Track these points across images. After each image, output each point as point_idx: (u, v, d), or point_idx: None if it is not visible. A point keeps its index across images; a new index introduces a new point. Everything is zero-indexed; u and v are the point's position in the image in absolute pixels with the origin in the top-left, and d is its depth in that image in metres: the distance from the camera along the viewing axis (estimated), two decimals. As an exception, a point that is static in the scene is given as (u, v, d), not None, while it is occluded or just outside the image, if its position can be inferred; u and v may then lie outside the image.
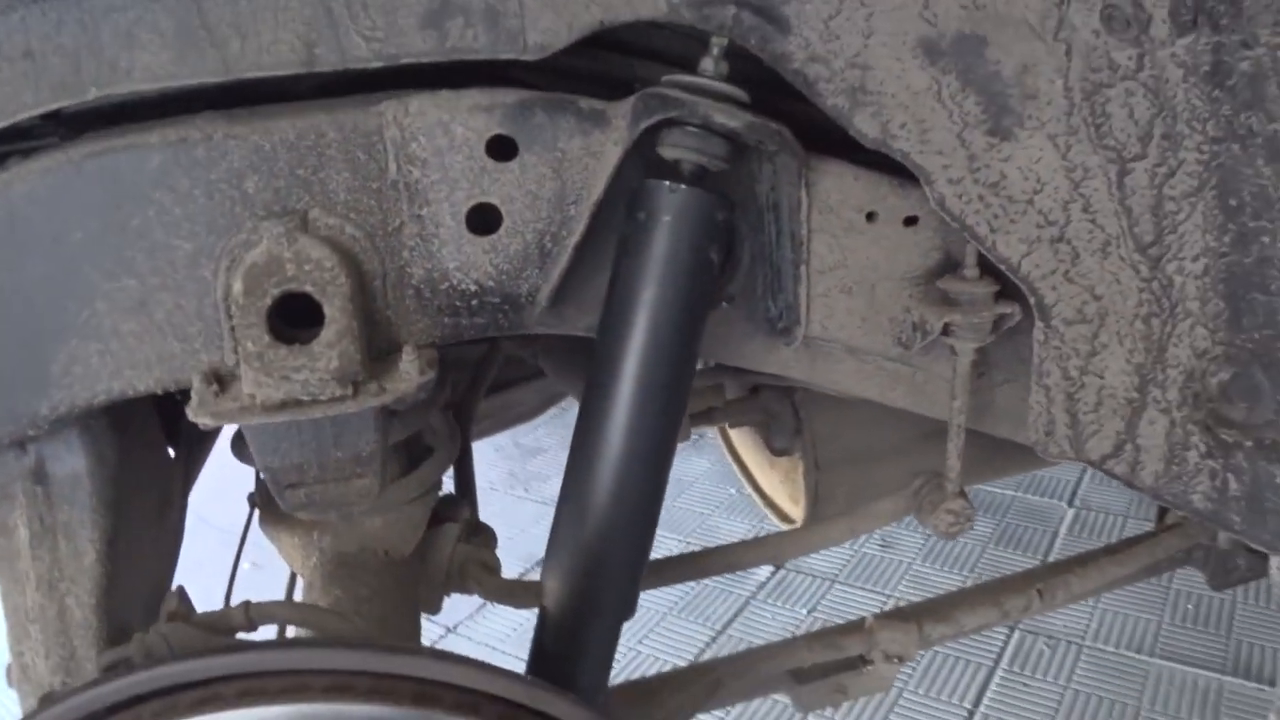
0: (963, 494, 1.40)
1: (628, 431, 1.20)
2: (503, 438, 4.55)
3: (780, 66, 1.11)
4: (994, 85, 1.11)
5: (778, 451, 1.99)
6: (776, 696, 1.68)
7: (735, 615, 3.18)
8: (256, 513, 1.55)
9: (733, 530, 3.67)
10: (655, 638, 3.12)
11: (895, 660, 1.45)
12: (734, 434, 2.31)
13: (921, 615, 1.50)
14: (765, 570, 3.38)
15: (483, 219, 1.17)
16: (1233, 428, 1.14)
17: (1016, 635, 3.00)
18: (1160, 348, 1.18)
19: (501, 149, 1.15)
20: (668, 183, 1.14)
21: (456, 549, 1.51)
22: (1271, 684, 2.73)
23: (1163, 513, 1.83)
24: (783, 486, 2.10)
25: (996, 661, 2.90)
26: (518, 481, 4.25)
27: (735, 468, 2.37)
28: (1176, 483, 1.21)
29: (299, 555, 1.47)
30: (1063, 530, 3.54)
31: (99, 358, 1.16)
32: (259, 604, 1.26)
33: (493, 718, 0.98)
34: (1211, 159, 1.06)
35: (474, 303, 1.21)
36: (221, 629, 1.23)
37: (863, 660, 1.49)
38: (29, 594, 1.31)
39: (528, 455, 4.47)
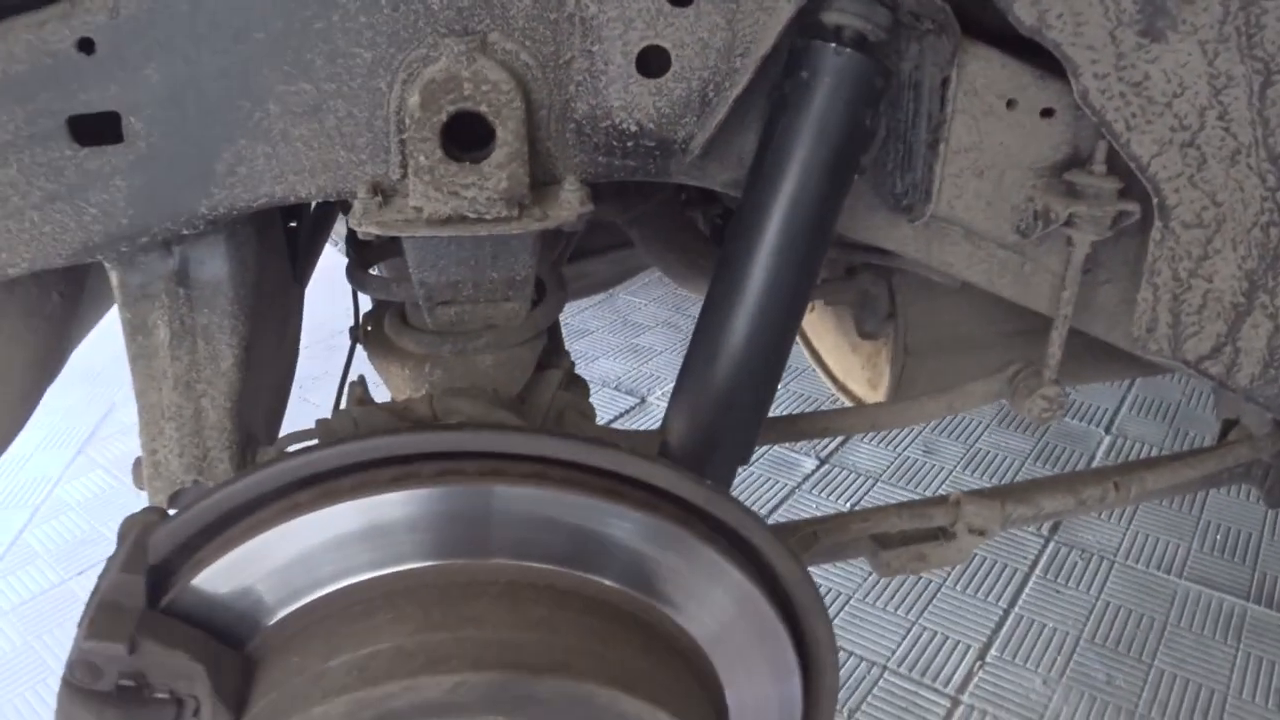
0: (1057, 383, 1.47)
1: (766, 282, 1.25)
2: (551, 315, 4.63)
3: None
4: None
5: (866, 335, 2.05)
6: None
7: (781, 504, 3.28)
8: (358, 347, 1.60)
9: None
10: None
11: (978, 533, 1.52)
12: (808, 319, 2.36)
13: (1005, 495, 1.58)
14: (811, 463, 3.48)
15: (652, 61, 1.20)
16: (1338, 334, 1.21)
17: (1051, 546, 3.10)
18: (1275, 256, 1.24)
19: None
20: (833, 45, 1.17)
21: (557, 395, 1.58)
22: (1292, 614, 2.84)
23: (1225, 430, 1.90)
24: (862, 372, 2.16)
25: (1032, 568, 3.01)
26: (563, 361, 4.34)
27: (805, 352, 2.43)
28: (1272, 385, 1.29)
29: (409, 387, 1.51)
30: (1099, 455, 3.62)
31: (265, 160, 1.18)
32: (443, 396, 1.33)
33: (668, 514, 1.08)
34: None
35: (630, 144, 1.24)
36: (408, 416, 1.30)
37: (943, 532, 1.57)
38: (165, 393, 1.35)
39: (575, 336, 4.54)
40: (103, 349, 1.48)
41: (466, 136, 1.15)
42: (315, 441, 1.20)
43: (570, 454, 1.08)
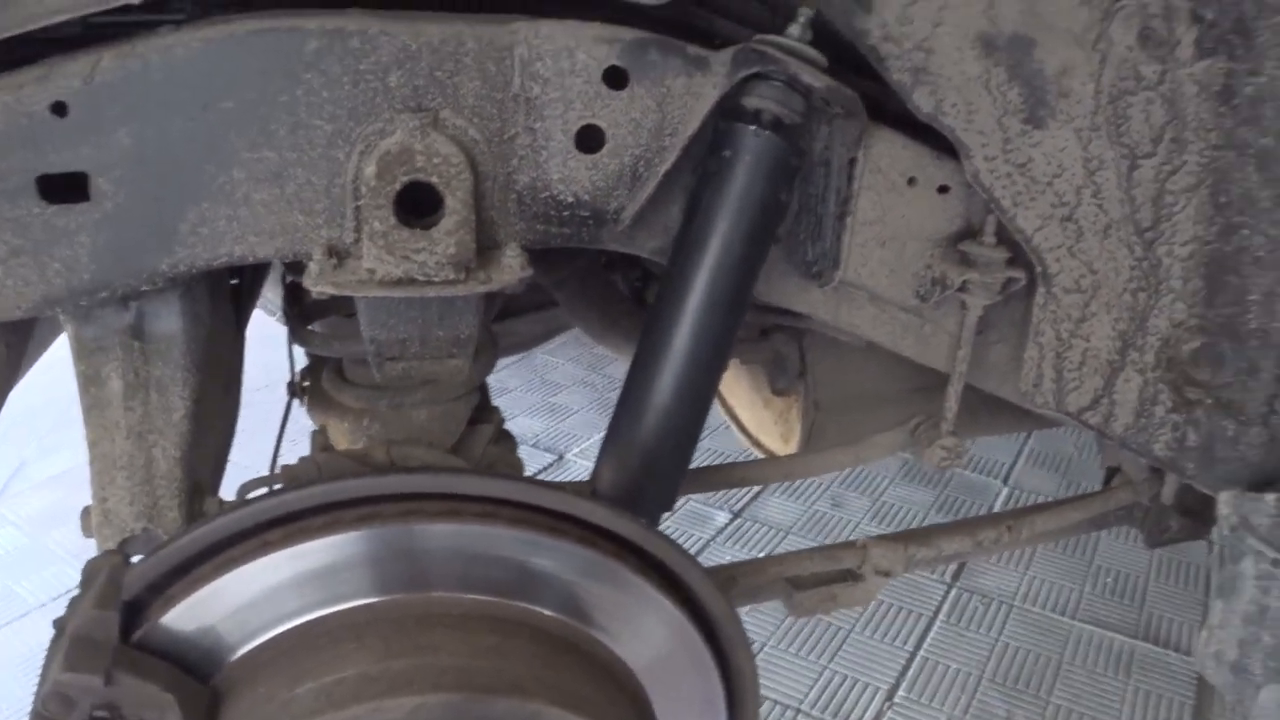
0: (955, 434, 1.59)
1: (690, 341, 1.34)
2: (464, 376, 4.68)
3: (857, 40, 1.28)
4: (1036, 81, 1.29)
5: (778, 392, 2.17)
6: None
7: (696, 556, 3.34)
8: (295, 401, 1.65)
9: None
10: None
11: (883, 575, 1.64)
12: (724, 376, 2.47)
13: (908, 539, 1.70)
14: (724, 517, 3.59)
15: (589, 138, 1.28)
16: (1197, 387, 1.35)
17: (954, 591, 3.25)
18: (1143, 317, 1.39)
19: (615, 78, 1.26)
20: (753, 127, 1.28)
21: (488, 449, 1.65)
22: (1177, 650, 3.01)
23: (1108, 477, 2.05)
24: (774, 426, 2.27)
25: (936, 613, 3.14)
26: (481, 420, 4.38)
27: (720, 407, 2.54)
28: (1143, 433, 1.42)
29: (347, 440, 1.56)
30: (997, 505, 3.79)
31: (227, 222, 1.23)
32: (400, 445, 1.40)
33: (606, 550, 1.17)
34: (1210, 162, 1.26)
35: (567, 213, 1.33)
36: (367, 462, 1.37)
37: (852, 574, 1.68)
38: (118, 443, 1.37)
39: (493, 394, 4.56)
40: (13, 404, 1.51)
41: (417, 204, 1.22)
42: (279, 486, 1.26)
43: (519, 495, 1.17)
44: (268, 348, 2.42)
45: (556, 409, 4.46)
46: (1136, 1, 1.23)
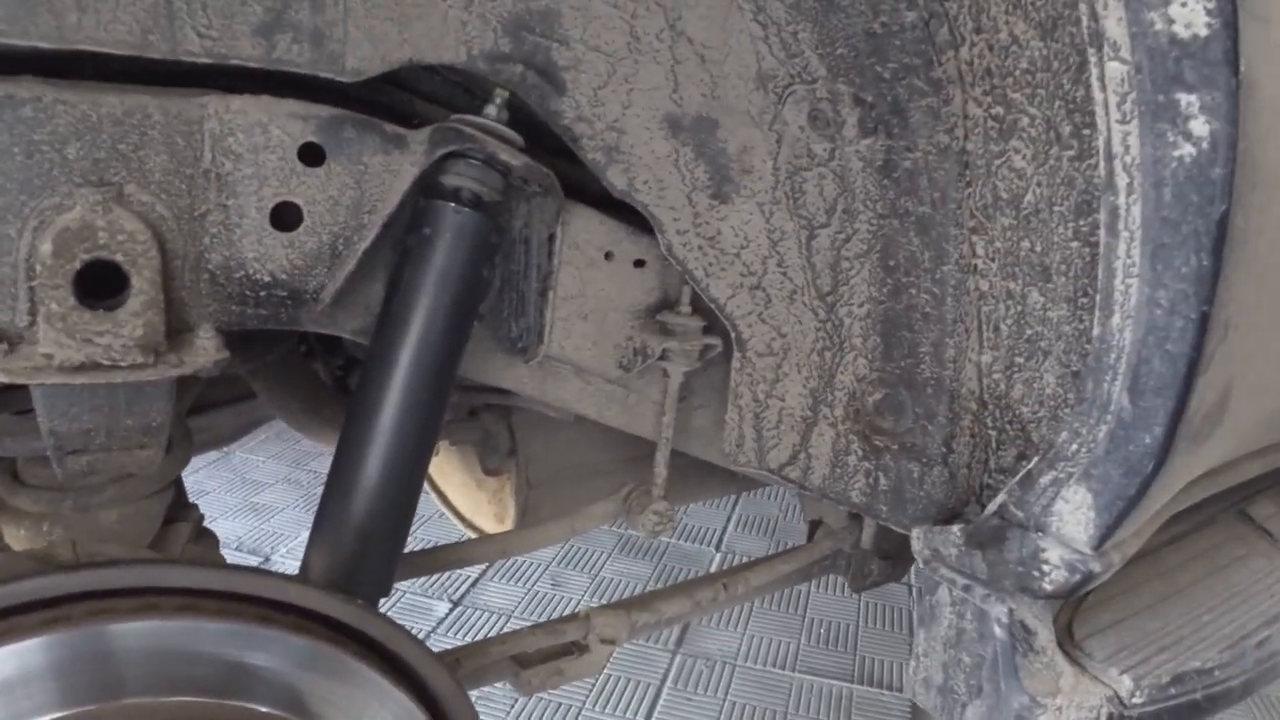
0: (665, 499, 1.64)
1: (396, 422, 1.33)
2: (160, 480, 4.42)
3: (552, 121, 1.32)
4: (720, 159, 1.38)
5: (489, 471, 2.16)
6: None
7: (417, 645, 3.28)
8: None
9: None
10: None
11: (609, 643, 1.65)
12: (433, 461, 2.45)
13: (630, 605, 1.72)
14: (444, 606, 3.52)
15: (285, 216, 1.25)
16: (883, 435, 1.45)
17: (679, 658, 3.31)
18: (830, 375, 1.48)
19: (311, 155, 1.24)
20: (453, 205, 1.30)
21: (187, 548, 1.56)
22: (889, 688, 3.19)
23: (812, 530, 2.17)
24: (488, 506, 2.26)
25: (663, 681, 3.18)
26: (181, 523, 4.13)
27: (433, 494, 2.51)
28: (839, 482, 1.51)
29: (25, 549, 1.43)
30: (711, 570, 3.90)
31: None
32: (85, 541, 1.27)
33: (321, 636, 1.12)
34: (878, 230, 1.37)
35: (263, 294, 1.28)
36: (50, 561, 1.25)
37: (578, 646, 1.68)
38: None
39: (190, 497, 4.33)
40: None
41: (100, 284, 1.15)
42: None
43: (224, 584, 1.10)
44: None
45: (260, 509, 4.26)
46: (805, 86, 1.33)
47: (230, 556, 3.83)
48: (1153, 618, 1.65)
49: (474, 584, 3.67)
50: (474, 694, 1.48)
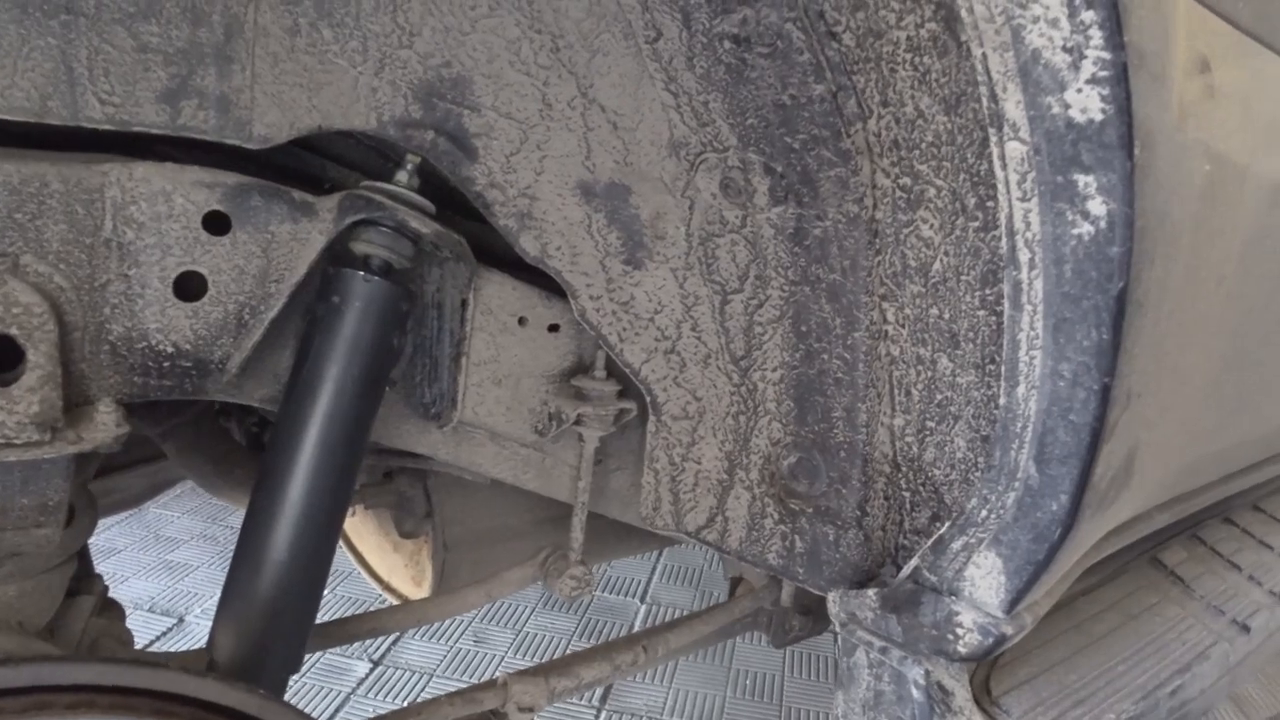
0: (583, 562, 1.63)
1: (305, 492, 1.30)
2: (70, 538, 4.28)
3: (464, 187, 1.32)
4: (633, 225, 1.38)
5: (405, 534, 2.13)
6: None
7: (336, 711, 3.20)
8: None
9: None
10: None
11: (527, 711, 1.62)
12: (349, 523, 2.41)
13: (548, 671, 1.69)
14: (364, 667, 3.45)
15: (189, 285, 1.23)
16: (798, 498, 1.45)
17: (604, 715, 3.27)
18: (745, 438, 1.48)
19: (216, 224, 1.22)
20: (362, 273, 1.28)
21: (90, 623, 1.51)
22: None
23: (733, 587, 2.16)
24: (405, 570, 2.23)
25: (589, 741, 3.16)
26: (90, 583, 3.99)
27: (350, 556, 2.46)
28: (756, 545, 1.51)
29: None
30: (637, 623, 3.88)
31: None
32: None
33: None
34: (790, 296, 1.37)
35: (166, 365, 1.25)
36: None
37: (496, 714, 1.65)
38: None
39: (100, 556, 4.21)
40: None
41: None
42: None
43: (118, 679, 1.07)
44: None
45: (174, 567, 4.15)
46: (716, 155, 1.34)
47: (142, 619, 3.74)
48: (1068, 670, 1.67)
49: (395, 643, 3.60)
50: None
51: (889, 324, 1.31)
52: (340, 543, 2.43)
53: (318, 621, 1.60)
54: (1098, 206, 0.95)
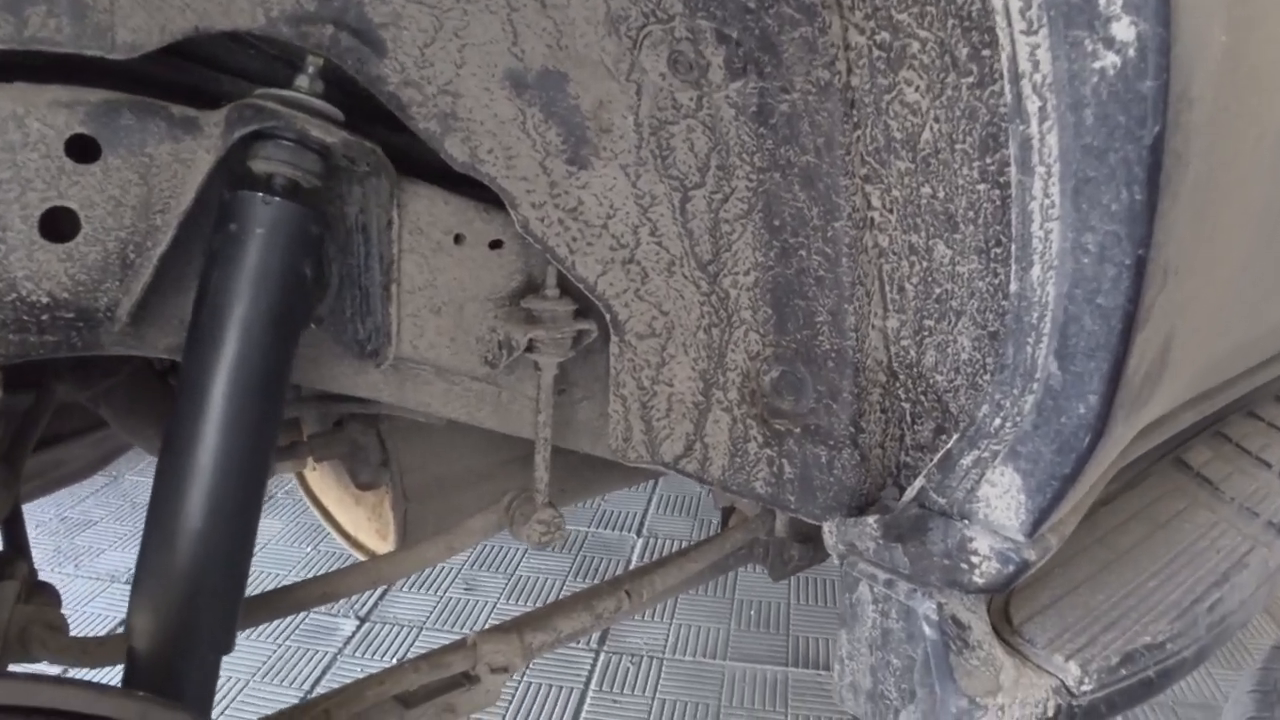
0: (552, 505, 1.46)
1: (220, 449, 1.13)
2: (46, 512, 4.15)
3: (375, 89, 1.14)
4: (574, 119, 1.19)
5: (363, 486, 1.97)
6: None
7: (323, 674, 3.08)
8: None
9: (313, 587, 3.55)
10: (240, 707, 2.96)
11: (501, 671, 1.47)
12: (312, 477, 2.25)
13: (521, 626, 1.54)
14: (350, 625, 3.31)
15: (58, 224, 1.08)
16: (783, 417, 1.28)
17: (603, 657, 3.14)
18: (720, 354, 1.31)
19: (83, 150, 1.07)
20: (261, 194, 1.11)
21: (16, 610, 1.37)
22: (826, 669, 3.05)
23: (725, 518, 2.01)
24: (369, 523, 2.07)
25: (587, 684, 3.01)
26: (66, 558, 3.86)
27: (316, 512, 2.31)
28: (740, 473, 1.35)
29: None
30: (634, 558, 3.75)
31: None
32: None
33: None
34: (758, 186, 1.19)
35: (45, 318, 1.10)
36: None
37: (468, 677, 1.50)
38: None
39: (76, 529, 4.08)
40: None
41: None
42: None
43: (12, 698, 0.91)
44: None
45: (154, 535, 4.00)
46: (661, 26, 1.15)
47: (119, 592, 3.60)
48: (1095, 590, 1.52)
49: (381, 597, 3.46)
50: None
51: (874, 210, 1.13)
52: (307, 499, 2.29)
53: (259, 591, 1.45)
54: (1124, 29, 0.76)
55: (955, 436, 1.08)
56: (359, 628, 3.29)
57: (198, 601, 1.16)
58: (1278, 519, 1.78)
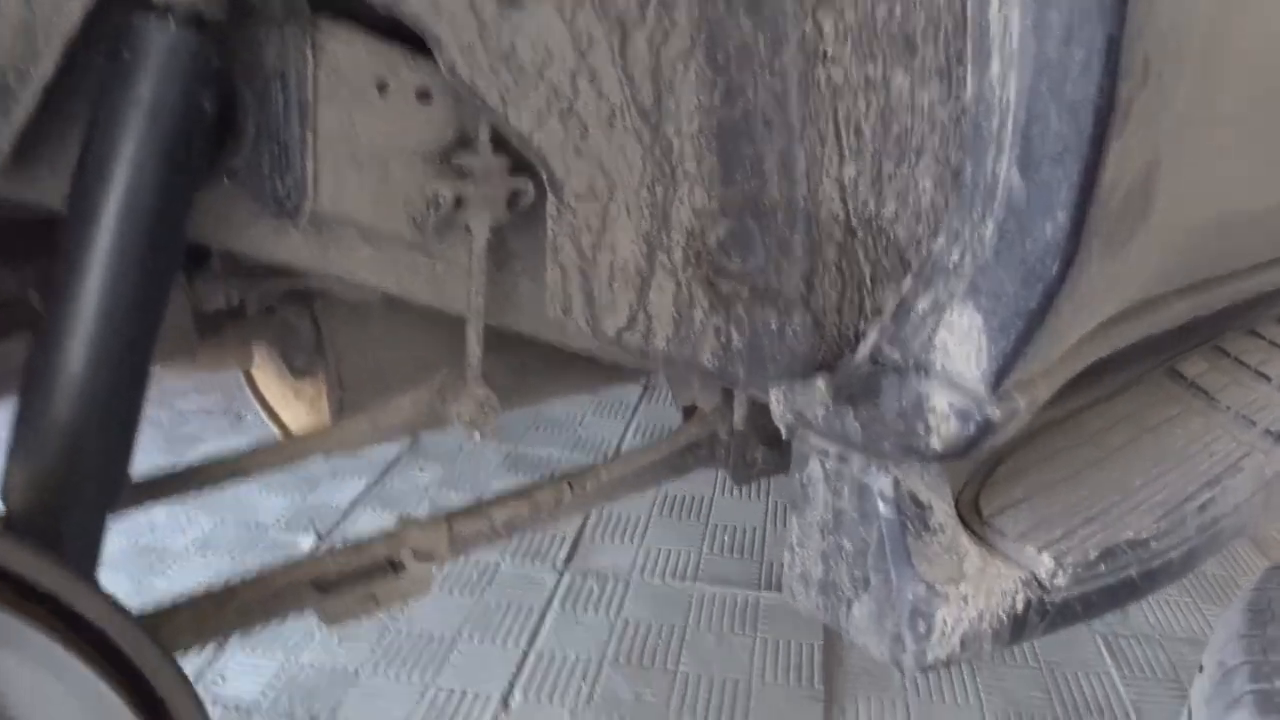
0: (486, 383, 1.37)
1: (106, 292, 1.05)
2: None
3: None
4: None
5: (299, 372, 1.87)
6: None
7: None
8: None
9: (274, 506, 3.45)
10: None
11: (426, 559, 1.38)
12: (258, 375, 2.15)
13: (453, 515, 1.46)
14: (310, 540, 3.23)
15: None
16: (730, 277, 1.19)
17: (567, 577, 3.06)
18: (664, 213, 1.21)
19: None
20: (155, 17, 1.01)
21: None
22: (799, 593, 2.98)
23: (686, 417, 1.91)
24: (309, 416, 1.97)
25: (548, 603, 2.94)
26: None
27: (260, 409, 2.21)
28: (686, 344, 1.25)
29: None
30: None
31: None
32: None
33: None
34: (700, 15, 1.09)
35: None
36: None
37: (393, 565, 1.42)
38: None
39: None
40: None
41: None
42: None
43: None
44: None
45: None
46: None
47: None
48: (1076, 486, 1.44)
49: (345, 517, 3.37)
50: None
51: (826, 40, 1.03)
52: (253, 399, 2.19)
53: (166, 474, 1.37)
54: None
55: (909, 277, 0.99)
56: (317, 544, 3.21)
57: (81, 456, 1.08)
58: (1277, 427, 1.70)
